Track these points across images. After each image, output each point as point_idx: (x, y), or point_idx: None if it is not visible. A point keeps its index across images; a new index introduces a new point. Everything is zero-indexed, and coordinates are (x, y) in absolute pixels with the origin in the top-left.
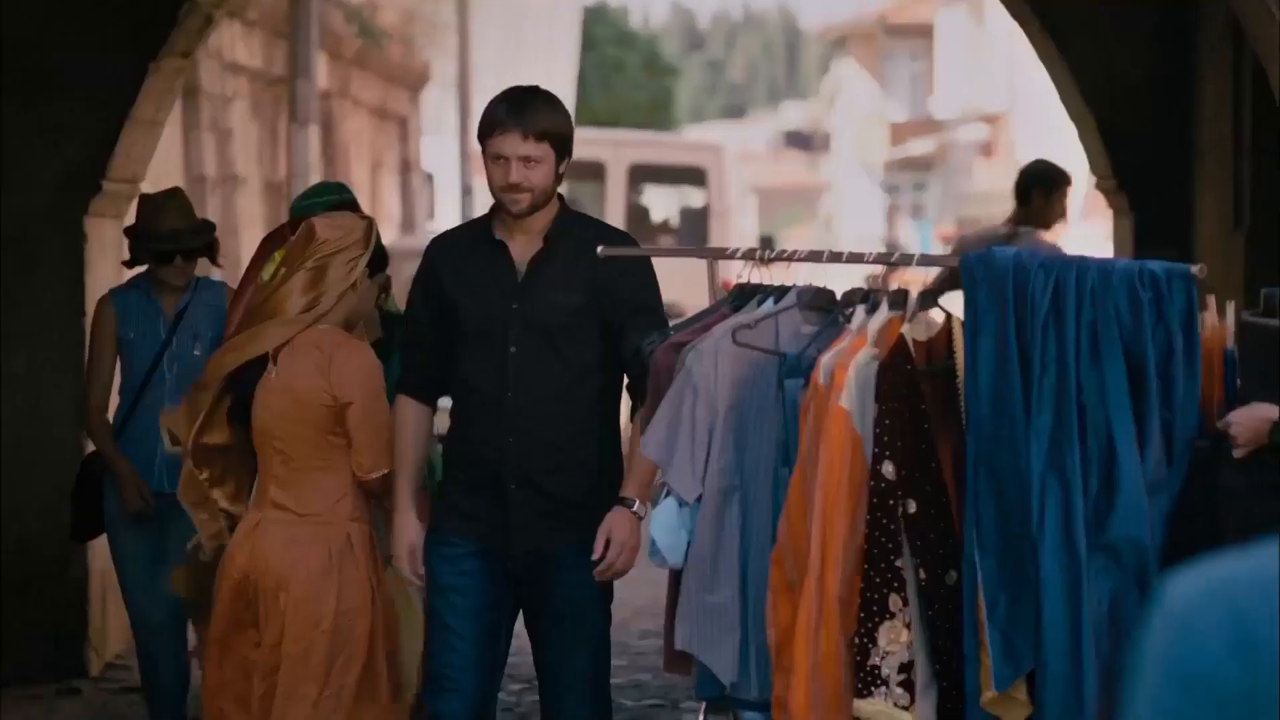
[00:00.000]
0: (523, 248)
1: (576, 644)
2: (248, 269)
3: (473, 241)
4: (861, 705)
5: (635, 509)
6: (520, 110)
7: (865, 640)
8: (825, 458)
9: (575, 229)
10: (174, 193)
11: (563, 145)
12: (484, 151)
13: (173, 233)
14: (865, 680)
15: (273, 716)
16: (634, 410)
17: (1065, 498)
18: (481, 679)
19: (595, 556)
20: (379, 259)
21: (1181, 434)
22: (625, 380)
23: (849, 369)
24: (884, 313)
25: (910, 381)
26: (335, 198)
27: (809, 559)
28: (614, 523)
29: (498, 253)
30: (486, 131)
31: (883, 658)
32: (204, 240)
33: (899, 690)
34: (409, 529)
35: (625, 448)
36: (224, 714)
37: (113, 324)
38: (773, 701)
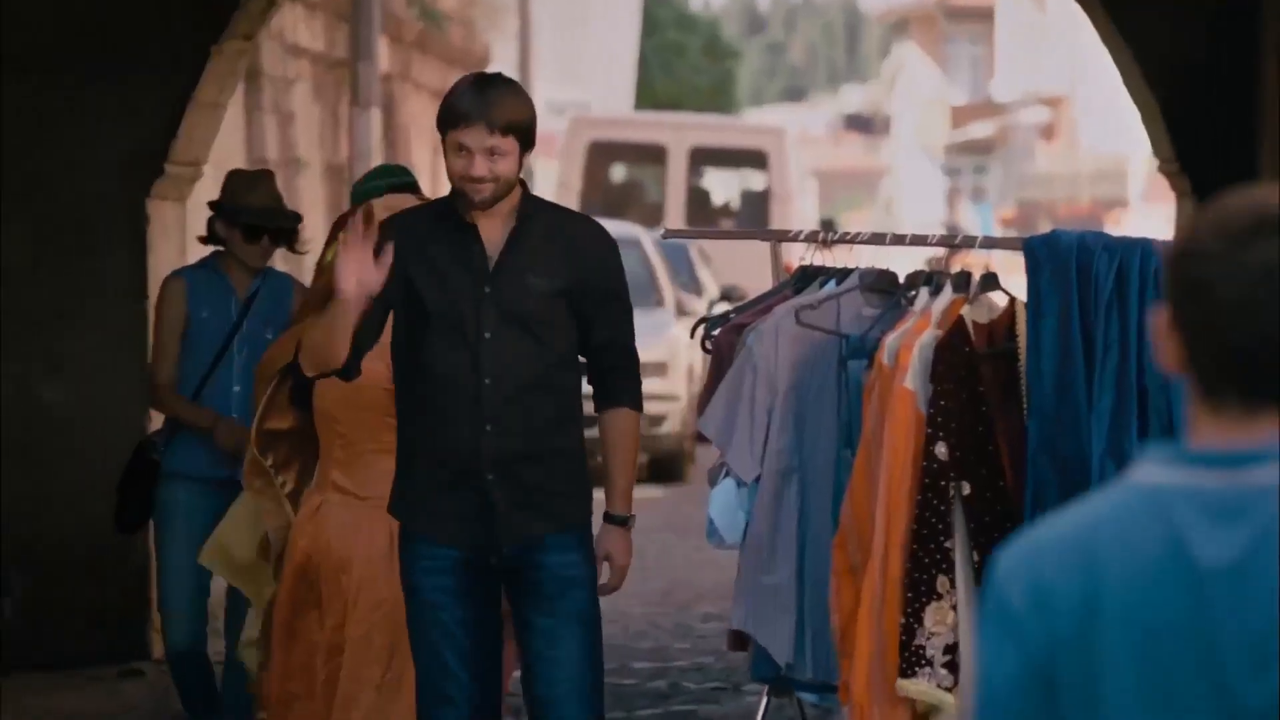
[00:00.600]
0: (490, 231)
1: (566, 627)
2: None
3: (436, 222)
4: (905, 685)
5: (628, 525)
6: (486, 103)
7: (911, 621)
8: (890, 439)
9: (543, 212)
10: (267, 173)
11: (527, 136)
12: (444, 140)
13: (267, 210)
14: (910, 661)
15: (337, 699)
16: (599, 406)
17: None
18: (478, 686)
19: (600, 581)
20: None
21: None
22: (590, 370)
23: (913, 350)
24: (948, 294)
25: (968, 363)
26: (396, 180)
27: (873, 542)
28: (611, 545)
29: (467, 235)
30: (450, 123)
31: (928, 638)
32: (294, 224)
33: (943, 672)
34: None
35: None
36: (292, 697)
37: (184, 302)
38: (839, 687)
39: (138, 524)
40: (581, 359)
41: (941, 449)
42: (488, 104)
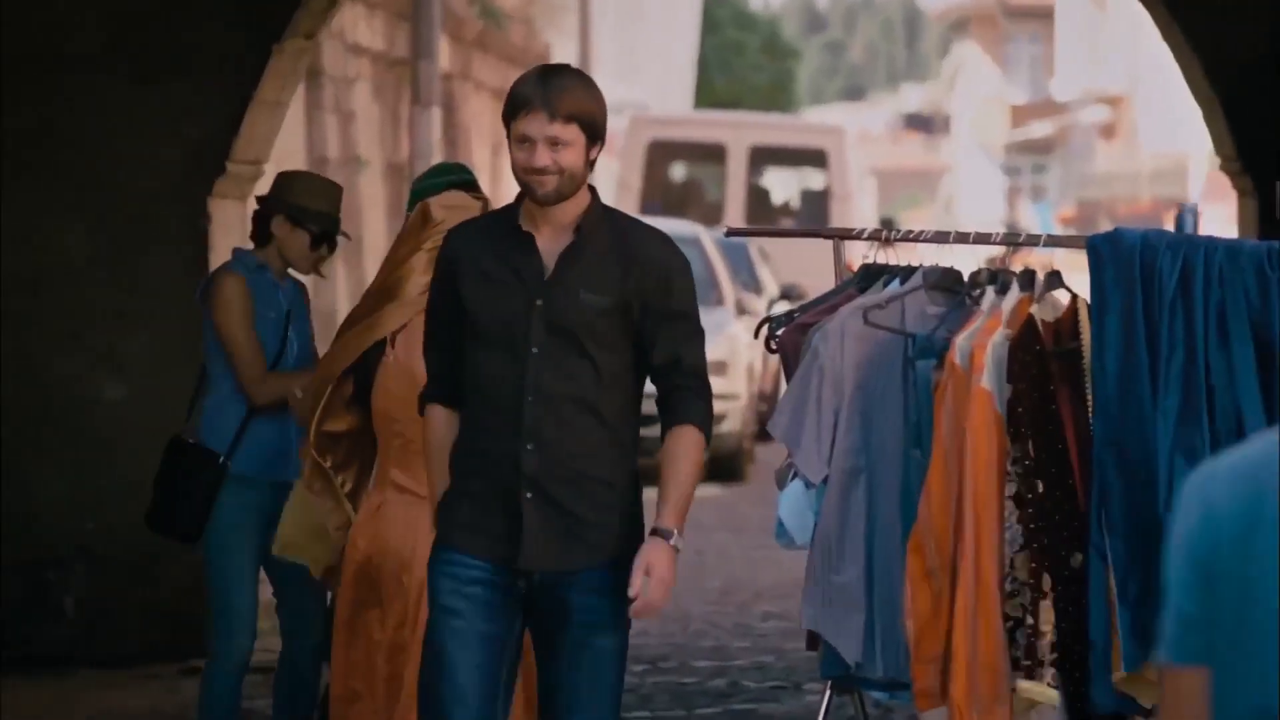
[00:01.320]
0: (551, 240)
1: (589, 675)
2: None
3: (496, 232)
4: (1028, 686)
5: (674, 541)
6: (548, 89)
7: (1030, 620)
8: (972, 441)
9: (609, 223)
10: (338, 186)
11: (594, 129)
12: (508, 134)
13: (337, 218)
14: (1031, 661)
15: (401, 698)
16: (664, 425)
17: None
18: (479, 708)
19: (633, 592)
20: None
21: None
22: (656, 392)
23: (986, 350)
24: (1015, 293)
25: (1040, 362)
26: (455, 178)
27: (961, 545)
28: (653, 556)
29: (524, 244)
30: (511, 112)
31: (1040, 637)
32: (342, 239)
33: (1051, 669)
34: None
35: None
36: (356, 694)
37: (250, 298)
38: (915, 693)
39: (194, 532)
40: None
41: (1024, 449)
42: (549, 90)
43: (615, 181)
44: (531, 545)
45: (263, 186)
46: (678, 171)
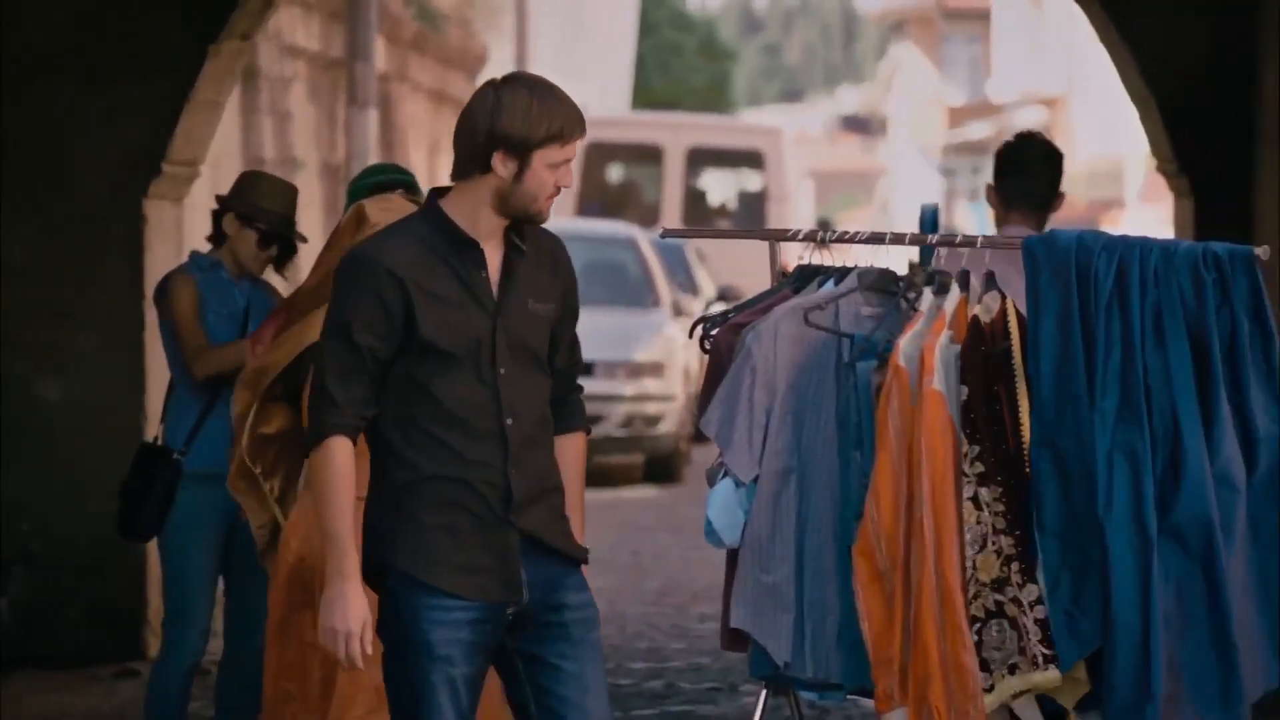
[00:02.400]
0: (491, 252)
1: (594, 670)
2: None
3: (438, 244)
4: (1050, 677)
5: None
6: (580, 114)
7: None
8: (928, 443)
9: (527, 229)
10: (293, 187)
11: None
12: (535, 155)
13: (290, 219)
14: (1047, 651)
15: (334, 700)
16: (557, 430)
17: (1135, 478)
18: None
19: None
20: None
21: (1265, 430)
22: (552, 392)
23: (935, 351)
24: (956, 294)
25: (985, 362)
26: (391, 178)
27: (920, 547)
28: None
29: (474, 258)
30: (555, 137)
31: (1021, 633)
32: (300, 242)
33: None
34: (358, 602)
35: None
36: (289, 695)
37: (197, 298)
38: (876, 695)
39: (154, 532)
40: None
41: (979, 450)
42: (581, 114)
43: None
44: (526, 567)
45: (199, 188)
46: (615, 173)
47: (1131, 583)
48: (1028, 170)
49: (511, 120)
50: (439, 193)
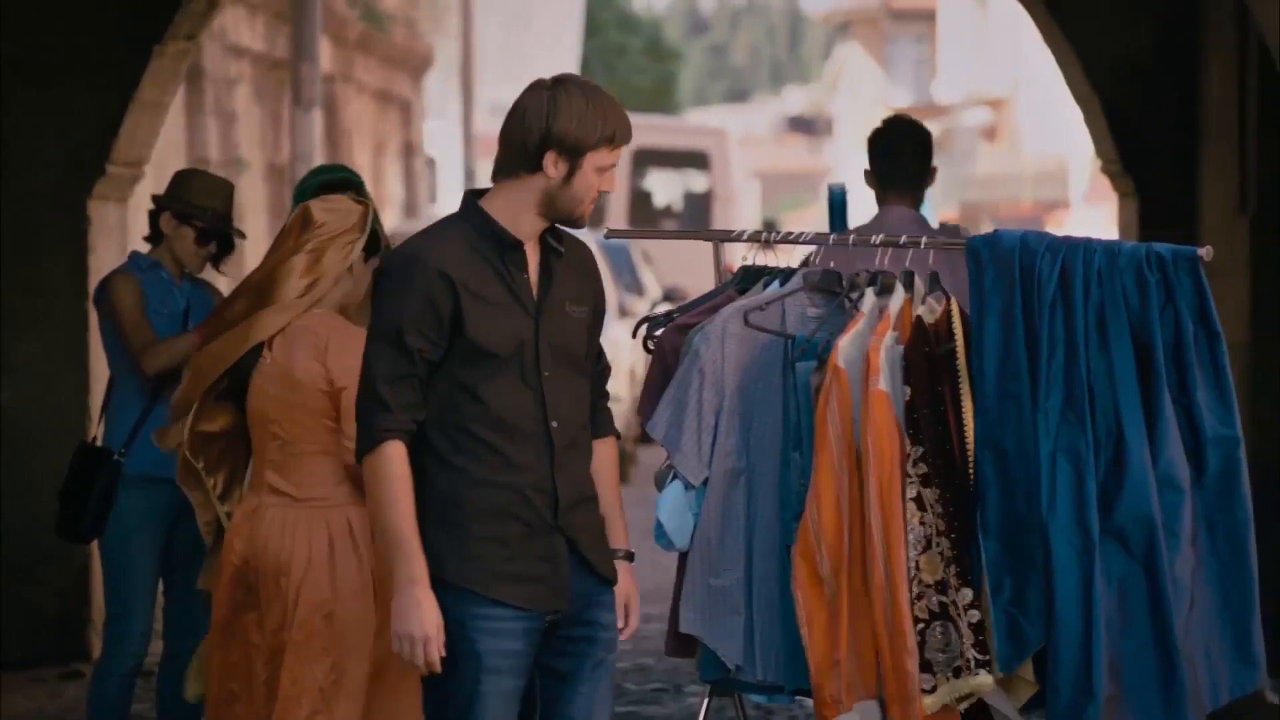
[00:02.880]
0: (529, 254)
1: (608, 691)
2: None
3: (481, 245)
4: (982, 681)
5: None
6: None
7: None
8: (874, 444)
9: (560, 232)
10: (229, 183)
11: None
12: (586, 158)
13: (227, 217)
14: (979, 656)
15: (278, 701)
16: (593, 438)
17: (1078, 479)
18: None
19: (624, 633)
20: (374, 242)
21: (1214, 431)
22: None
23: (880, 352)
24: (900, 295)
25: (930, 364)
26: (336, 177)
27: (869, 548)
28: (630, 586)
29: (516, 259)
30: (608, 140)
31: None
32: (239, 238)
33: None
34: (431, 606)
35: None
36: (233, 696)
37: (141, 300)
38: (819, 701)
39: (95, 533)
40: None
41: (923, 452)
42: (629, 120)
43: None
44: (571, 577)
45: (143, 188)
46: None
47: (1074, 584)
48: (900, 152)
49: (568, 121)
50: (476, 194)
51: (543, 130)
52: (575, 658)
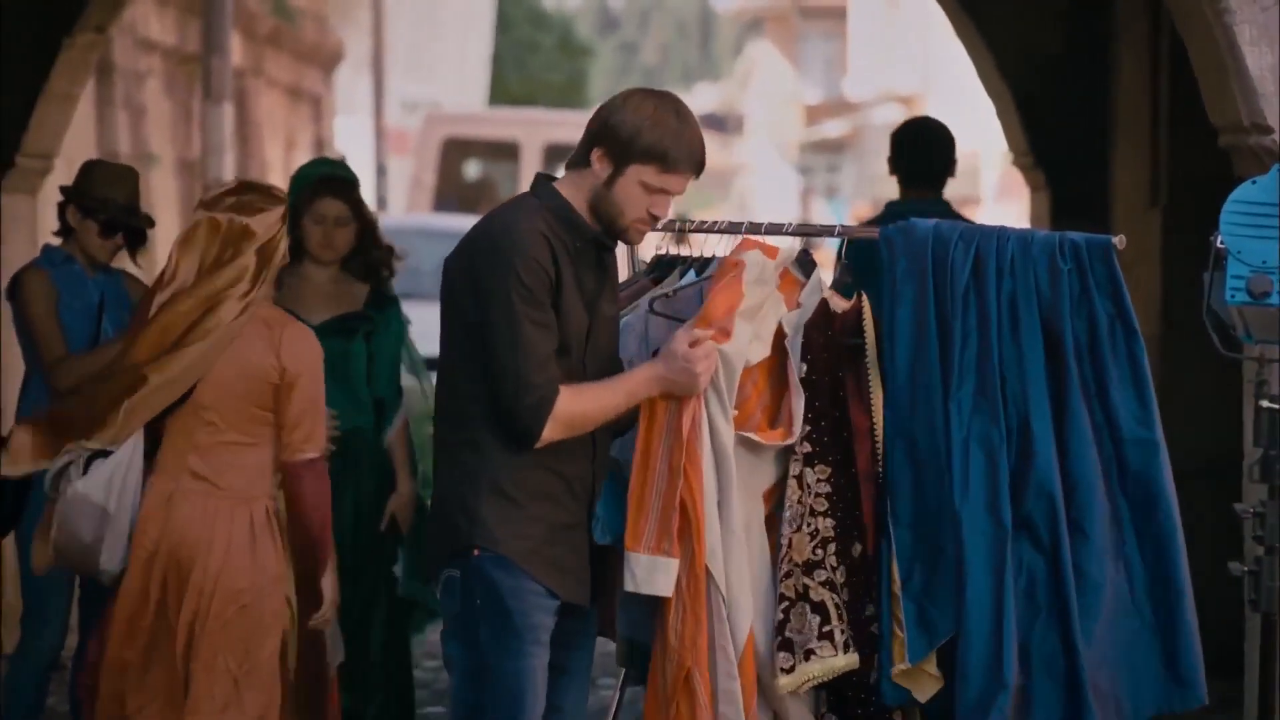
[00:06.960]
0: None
1: (586, 681)
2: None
3: (573, 242)
4: (850, 660)
5: None
6: (703, 154)
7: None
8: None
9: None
10: (133, 171)
11: None
12: (631, 166)
13: (130, 208)
14: (852, 633)
15: (191, 690)
16: None
17: (991, 467)
18: None
19: (697, 345)
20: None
21: (1131, 432)
22: None
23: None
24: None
25: (831, 347)
26: (337, 175)
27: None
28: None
29: (597, 260)
30: (657, 157)
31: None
32: (148, 227)
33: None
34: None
35: None
36: (122, 696)
37: (54, 298)
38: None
39: (8, 526)
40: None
41: (809, 429)
42: (704, 158)
43: (409, 179)
44: (598, 570)
45: (52, 181)
46: (472, 169)
47: (985, 572)
48: (923, 150)
49: (623, 122)
50: (549, 178)
51: (602, 122)
52: (568, 650)
